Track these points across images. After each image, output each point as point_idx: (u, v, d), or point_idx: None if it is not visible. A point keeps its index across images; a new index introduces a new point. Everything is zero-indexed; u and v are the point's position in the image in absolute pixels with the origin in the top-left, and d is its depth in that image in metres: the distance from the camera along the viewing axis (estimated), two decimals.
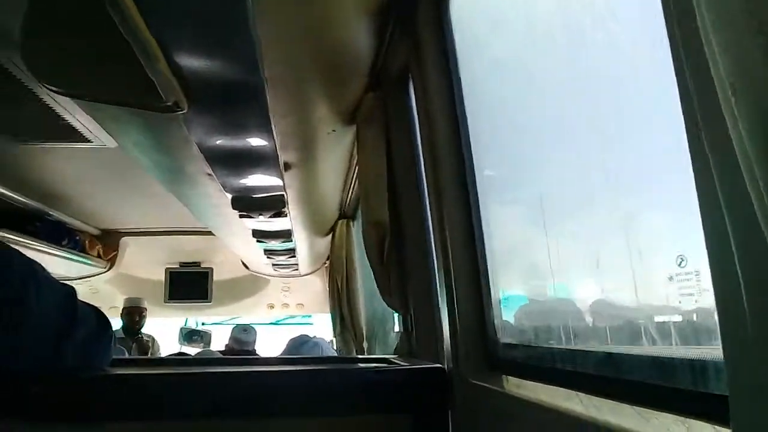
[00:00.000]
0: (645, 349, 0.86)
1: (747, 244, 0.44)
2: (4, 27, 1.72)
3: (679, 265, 0.70)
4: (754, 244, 0.42)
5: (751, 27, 0.32)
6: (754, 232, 0.40)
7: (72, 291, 1.39)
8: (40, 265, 1.31)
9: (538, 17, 1.12)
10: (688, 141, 0.53)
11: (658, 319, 0.82)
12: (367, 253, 2.08)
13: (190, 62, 1.33)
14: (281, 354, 3.21)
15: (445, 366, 1.55)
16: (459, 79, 1.51)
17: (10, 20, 1.69)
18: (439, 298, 1.65)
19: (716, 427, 0.64)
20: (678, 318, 0.77)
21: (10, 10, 1.64)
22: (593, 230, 1.02)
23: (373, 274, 2.10)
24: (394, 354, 2.26)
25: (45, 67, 1.46)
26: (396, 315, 2.82)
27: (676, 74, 0.52)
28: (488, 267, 1.44)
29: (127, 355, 4.42)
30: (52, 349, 1.29)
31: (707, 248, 0.54)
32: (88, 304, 1.47)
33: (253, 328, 4.92)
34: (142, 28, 1.16)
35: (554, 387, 1.05)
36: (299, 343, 3.22)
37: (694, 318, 0.74)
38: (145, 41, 1.21)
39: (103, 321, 1.49)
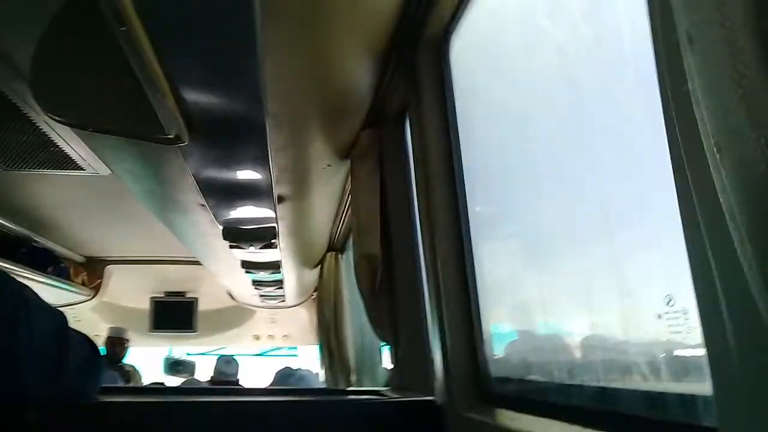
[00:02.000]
0: (636, 383, 0.89)
1: (732, 285, 0.48)
2: (7, 53, 1.75)
3: (668, 304, 0.74)
4: (739, 286, 0.46)
5: (736, 95, 0.36)
6: (738, 274, 0.44)
7: (63, 317, 1.39)
8: (32, 290, 1.32)
9: (536, 64, 1.18)
10: (677, 190, 0.58)
11: (649, 355, 0.85)
12: (358, 285, 2.10)
13: (196, 97, 1.37)
14: (268, 386, 3.19)
15: (437, 399, 1.56)
16: (455, 119, 1.56)
17: (13, 47, 1.72)
18: (431, 331, 1.67)
19: None
20: (667, 354, 0.81)
21: (16, 37, 1.68)
22: (583, 267, 1.05)
23: (364, 306, 2.12)
24: (384, 387, 2.27)
25: (51, 97, 1.48)
26: (386, 348, 2.83)
27: (667, 129, 0.57)
28: (479, 301, 1.46)
29: (120, 383, 4.36)
30: (45, 375, 1.29)
31: (695, 288, 0.58)
32: (79, 332, 1.47)
33: (235, 360, 4.89)
34: (152, 61, 1.20)
35: (547, 420, 1.07)
36: (286, 375, 3.22)
37: (683, 354, 0.77)
38: (154, 75, 1.24)
39: (94, 348, 1.50)
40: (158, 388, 3.35)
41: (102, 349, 5.12)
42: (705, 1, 0.38)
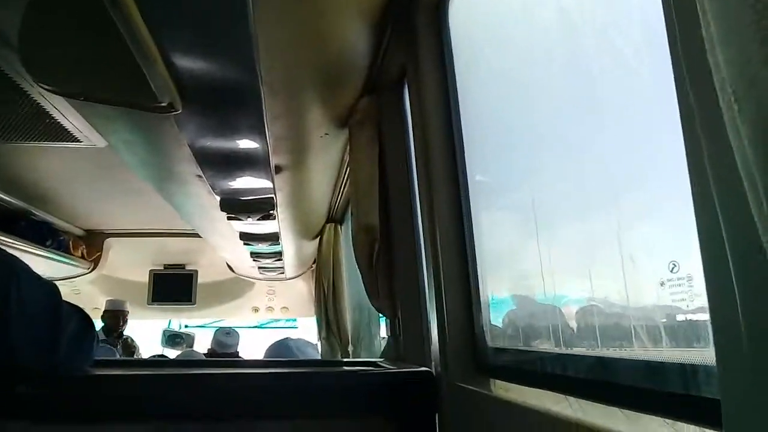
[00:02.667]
0: (635, 353, 0.87)
1: (743, 248, 0.46)
2: None
3: (672, 270, 0.72)
4: (751, 249, 0.44)
5: (756, 38, 0.34)
6: (750, 238, 0.42)
7: (55, 289, 1.38)
8: (22, 262, 1.30)
9: (536, 23, 1.14)
10: (686, 148, 0.55)
11: (650, 322, 0.84)
12: (356, 256, 2.09)
13: (188, 64, 1.34)
14: (269, 350, 3.20)
15: (433, 370, 1.56)
16: (455, 84, 1.53)
17: (3, 18, 1.68)
18: (428, 302, 1.66)
19: (705, 429, 0.65)
20: (669, 321, 0.79)
21: (6, 8, 1.64)
22: (585, 236, 1.04)
23: (362, 277, 2.11)
24: (381, 358, 2.27)
25: (42, 66, 1.46)
26: (383, 319, 2.82)
27: (676, 81, 0.54)
28: (478, 271, 1.45)
29: (118, 356, 4.38)
30: (37, 347, 1.28)
31: (701, 252, 0.55)
32: (72, 304, 1.46)
33: (235, 331, 4.91)
34: (141, 29, 1.17)
35: (543, 391, 1.06)
36: (279, 346, 3.21)
37: (685, 322, 0.76)
38: (144, 42, 1.21)
39: (87, 321, 1.49)
40: (155, 361, 3.37)
41: (102, 321, 5.17)
42: None
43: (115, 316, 5.19)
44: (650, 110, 0.79)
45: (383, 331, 3.09)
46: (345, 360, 3.48)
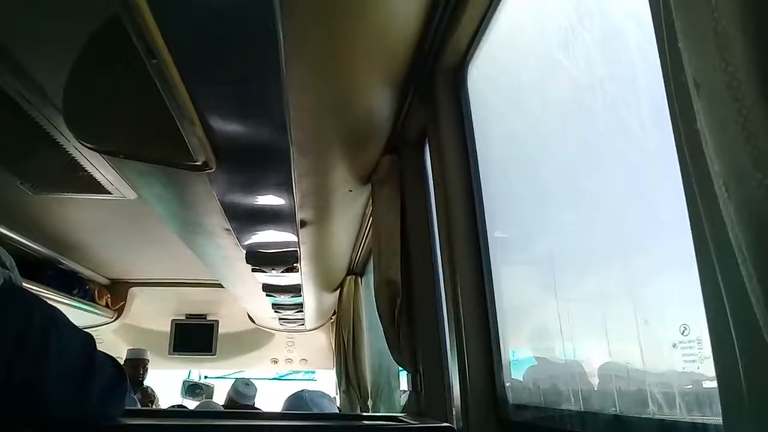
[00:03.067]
0: (650, 412, 0.90)
1: (742, 318, 0.50)
2: (41, 83, 1.82)
3: (683, 333, 0.75)
4: (749, 319, 0.47)
5: (740, 137, 0.39)
6: (748, 308, 0.45)
7: (91, 339, 1.41)
8: (61, 312, 1.34)
9: (551, 93, 1.20)
10: (690, 221, 0.60)
11: (664, 384, 0.86)
12: (378, 310, 2.12)
13: (224, 125, 1.41)
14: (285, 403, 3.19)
15: (455, 425, 1.56)
16: (474, 144, 1.59)
17: (45, 74, 1.79)
18: (449, 357, 1.68)
19: None
20: (682, 382, 0.82)
21: (48, 65, 1.74)
22: (601, 293, 1.07)
23: (384, 331, 2.13)
24: (402, 413, 2.27)
25: (83, 123, 1.54)
26: (404, 373, 2.82)
27: (680, 163, 0.59)
28: (498, 326, 1.47)
29: (139, 405, 4.38)
30: (70, 396, 1.30)
31: (707, 318, 0.59)
32: (105, 353, 1.49)
33: (254, 383, 4.90)
34: (181, 90, 1.24)
35: None
36: (297, 398, 3.19)
37: (696, 383, 0.78)
38: (183, 105, 1.29)
39: (119, 370, 1.51)
40: (178, 412, 3.37)
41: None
42: (709, 47, 0.41)
43: (136, 365, 5.20)
44: (663, 180, 0.83)
45: (403, 385, 3.08)
46: (365, 414, 3.46)
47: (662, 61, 0.60)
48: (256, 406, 4.79)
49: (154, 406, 5.19)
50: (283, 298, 3.90)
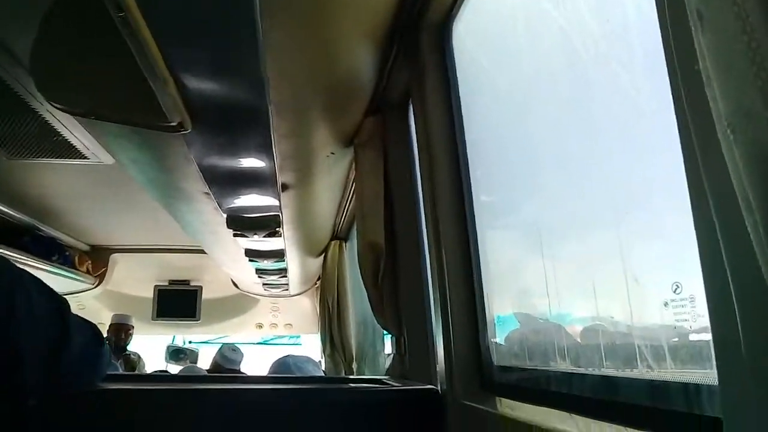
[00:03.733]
0: (639, 372, 0.88)
1: (742, 270, 0.47)
2: (8, 44, 1.75)
3: (675, 291, 0.73)
4: (749, 270, 0.45)
5: (750, 72, 0.35)
6: (749, 261, 0.43)
7: (64, 302, 1.36)
8: (31, 275, 1.30)
9: (539, 45, 1.17)
10: (686, 173, 0.57)
11: (654, 342, 0.85)
12: (361, 273, 2.10)
13: (198, 84, 1.36)
14: (271, 368, 3.19)
15: (439, 388, 1.56)
16: (459, 104, 1.56)
17: (15, 36, 1.72)
18: (433, 320, 1.67)
19: None
20: (672, 342, 0.80)
21: (17, 26, 1.67)
22: (589, 255, 1.05)
23: (367, 294, 2.12)
24: (386, 375, 2.27)
25: (53, 85, 1.48)
26: (388, 337, 2.82)
27: (676, 112, 0.56)
28: (483, 289, 1.46)
29: (120, 371, 4.37)
30: (45, 360, 1.27)
31: (703, 275, 0.57)
32: (81, 318, 1.46)
33: (240, 349, 4.91)
34: (153, 50, 1.19)
35: (548, 409, 1.07)
36: (282, 363, 3.19)
37: (688, 342, 0.77)
38: (155, 62, 1.24)
39: (97, 335, 1.47)
40: (160, 376, 3.36)
41: (107, 335, 5.17)
42: None
43: (119, 331, 5.18)
44: (653, 132, 0.80)
45: (388, 349, 3.09)
46: (349, 377, 3.48)
47: None
48: (241, 371, 4.82)
49: (138, 372, 5.20)
50: (267, 264, 3.88)
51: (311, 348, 6.41)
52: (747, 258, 0.44)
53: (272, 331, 6.29)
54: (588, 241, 1.05)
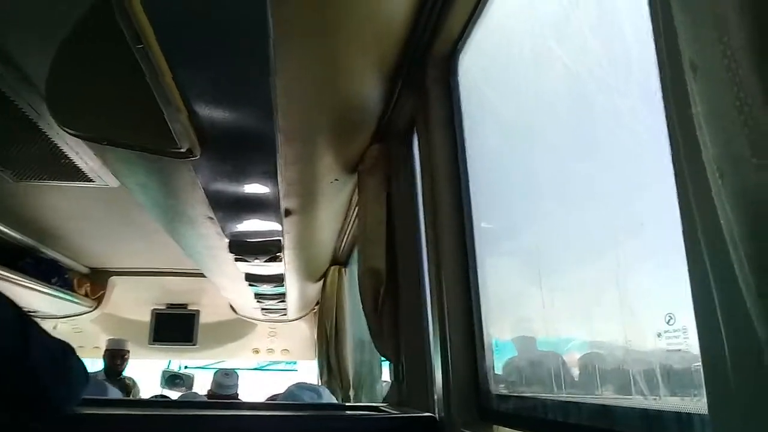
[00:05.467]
0: (635, 401, 0.90)
1: (730, 305, 0.50)
2: (24, 69, 1.79)
3: (668, 322, 0.75)
4: (737, 306, 0.48)
5: (738, 121, 0.39)
6: (736, 295, 0.46)
7: (26, 315, 1.27)
8: None
9: (543, 82, 1.20)
10: (680, 210, 0.60)
11: (648, 372, 0.87)
12: (361, 299, 2.11)
13: (209, 112, 1.40)
14: (280, 398, 3.18)
15: (436, 415, 1.57)
16: (462, 134, 1.59)
17: (29, 61, 1.76)
18: (432, 348, 1.68)
19: None
20: (666, 371, 0.82)
21: (32, 51, 1.71)
22: (586, 284, 1.07)
23: (366, 320, 2.13)
24: (384, 402, 2.27)
25: (66, 110, 1.51)
26: (385, 363, 2.82)
27: (672, 150, 0.59)
28: (482, 317, 1.48)
29: (122, 396, 4.33)
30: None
31: (694, 308, 0.60)
32: (48, 333, 1.33)
33: (235, 372, 4.87)
34: (167, 77, 1.23)
35: None
36: (301, 388, 3.17)
37: (681, 371, 0.79)
38: (169, 91, 1.27)
39: (67, 350, 1.36)
40: (156, 401, 3.34)
41: (103, 360, 5.14)
42: (708, 30, 0.41)
43: (114, 356, 5.15)
44: (652, 168, 0.83)
45: (385, 376, 3.09)
46: (347, 404, 3.46)
47: (657, 45, 0.60)
48: (238, 394, 4.78)
49: (132, 397, 5.15)
50: (266, 288, 3.89)
51: (307, 374, 6.37)
52: (735, 293, 0.46)
53: (269, 357, 6.26)
54: (585, 270, 1.08)
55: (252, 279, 3.55)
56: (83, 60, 1.48)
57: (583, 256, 1.09)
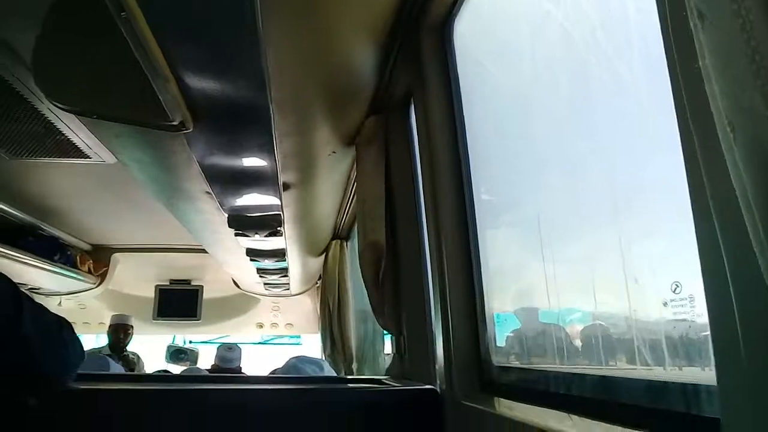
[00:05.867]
0: (638, 372, 0.88)
1: (742, 270, 0.47)
2: (11, 43, 1.75)
3: (674, 291, 0.73)
4: (749, 271, 0.45)
5: (749, 70, 0.35)
6: (748, 261, 0.43)
7: (18, 289, 1.27)
8: None
9: (540, 47, 1.17)
10: (687, 172, 0.57)
11: (653, 342, 0.85)
12: (362, 273, 2.10)
13: (199, 83, 1.36)
14: (279, 371, 3.19)
15: (438, 388, 1.56)
16: (460, 103, 1.56)
17: (17, 36, 1.72)
18: (433, 320, 1.67)
19: None
20: (672, 342, 0.80)
21: (19, 26, 1.67)
22: (589, 255, 1.05)
23: (368, 294, 2.12)
24: (386, 375, 2.27)
25: (55, 84, 1.48)
26: (387, 336, 2.82)
27: (676, 109, 0.56)
28: (483, 289, 1.46)
29: (124, 371, 4.36)
30: None
31: (703, 275, 0.57)
32: (43, 306, 1.35)
33: (237, 346, 4.91)
34: (154, 48, 1.19)
35: (546, 409, 1.07)
36: (303, 361, 3.18)
37: (687, 342, 0.77)
38: (156, 62, 1.24)
39: (61, 324, 1.37)
40: (159, 376, 3.35)
41: (107, 335, 5.17)
42: None
43: (118, 331, 5.17)
44: (655, 128, 0.80)
45: (387, 349, 3.09)
46: (349, 377, 3.48)
47: None
48: (242, 368, 4.82)
49: (137, 372, 5.19)
50: (268, 263, 3.88)
51: (311, 347, 6.41)
52: (747, 257, 0.44)
53: (273, 331, 6.30)
54: (589, 240, 1.05)
55: (253, 254, 3.54)
56: (69, 31, 1.44)
57: (587, 225, 1.06)
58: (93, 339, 6.33)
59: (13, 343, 1.22)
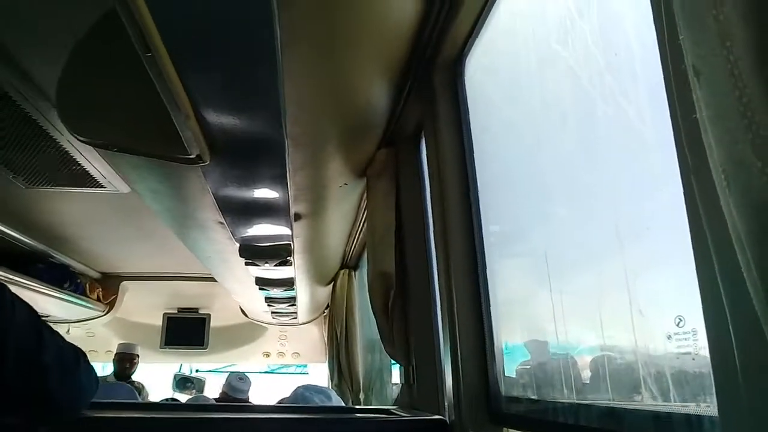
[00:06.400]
0: (645, 403, 0.90)
1: (739, 308, 0.50)
2: (32, 74, 1.81)
3: (678, 324, 0.76)
4: (746, 311, 0.48)
5: (741, 125, 0.39)
6: (745, 298, 0.46)
7: (41, 319, 1.30)
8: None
9: (549, 85, 1.21)
10: (687, 213, 0.60)
11: (658, 375, 0.87)
12: (371, 303, 2.12)
13: (218, 118, 1.40)
14: (287, 400, 3.18)
15: (447, 418, 1.57)
16: (470, 137, 1.60)
17: (39, 68, 1.78)
18: (442, 350, 1.69)
19: None
20: (676, 374, 0.82)
21: (42, 59, 1.73)
22: (596, 287, 1.07)
23: (377, 324, 2.14)
24: (394, 406, 2.27)
25: (77, 117, 1.53)
26: (395, 366, 2.83)
27: (678, 154, 0.59)
28: (492, 320, 1.48)
29: (139, 399, 4.35)
30: (19, 368, 1.20)
31: (703, 311, 0.60)
32: (61, 336, 1.36)
33: (248, 377, 4.90)
34: (176, 84, 1.24)
35: None
36: (310, 390, 3.18)
37: (691, 374, 0.79)
38: (178, 98, 1.28)
39: (78, 354, 1.39)
40: (164, 405, 3.35)
41: (113, 364, 5.16)
42: (710, 35, 0.41)
43: (123, 360, 5.17)
44: (658, 166, 0.83)
45: (395, 378, 3.09)
46: (358, 407, 3.46)
47: (661, 50, 0.60)
48: (249, 400, 4.79)
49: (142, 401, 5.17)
50: (276, 292, 3.90)
51: (318, 377, 6.38)
52: (744, 299, 0.46)
53: (279, 360, 6.28)
54: (596, 272, 1.08)
55: (262, 283, 3.56)
56: (93, 67, 1.50)
57: (595, 259, 1.09)
58: (100, 367, 6.32)
59: (33, 373, 1.24)
